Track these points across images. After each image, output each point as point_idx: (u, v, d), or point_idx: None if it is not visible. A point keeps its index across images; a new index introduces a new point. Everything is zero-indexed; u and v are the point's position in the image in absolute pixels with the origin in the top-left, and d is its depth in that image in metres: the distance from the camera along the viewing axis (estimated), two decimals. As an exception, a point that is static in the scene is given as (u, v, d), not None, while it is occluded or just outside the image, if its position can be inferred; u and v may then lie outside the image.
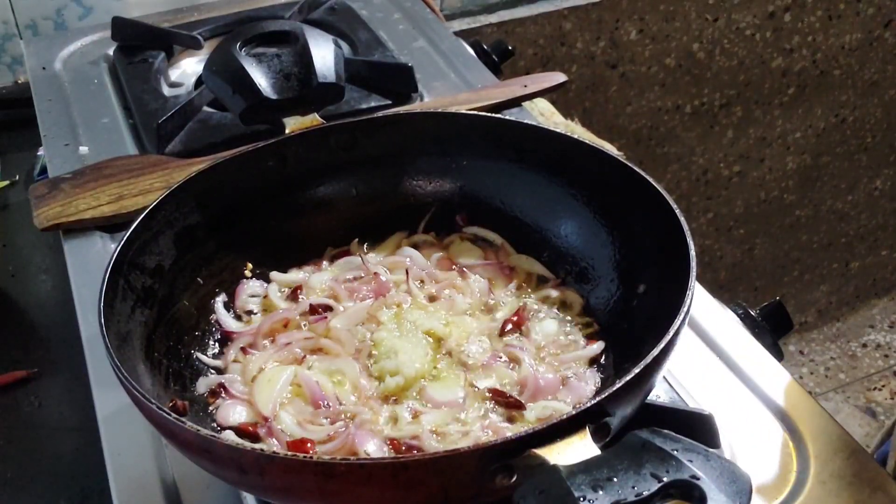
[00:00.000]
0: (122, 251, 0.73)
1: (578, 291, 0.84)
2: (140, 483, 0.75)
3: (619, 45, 1.90)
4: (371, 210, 0.91)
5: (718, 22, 1.99)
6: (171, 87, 1.25)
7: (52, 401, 0.96)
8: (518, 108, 1.18)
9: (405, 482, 0.55)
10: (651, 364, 0.60)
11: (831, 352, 2.75)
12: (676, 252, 0.70)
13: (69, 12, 1.45)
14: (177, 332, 0.77)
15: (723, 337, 0.87)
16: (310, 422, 0.72)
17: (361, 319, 0.81)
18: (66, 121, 1.19)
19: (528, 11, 1.76)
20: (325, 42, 0.99)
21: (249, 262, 0.86)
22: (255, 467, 0.57)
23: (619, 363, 0.76)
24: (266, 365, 0.77)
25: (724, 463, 0.52)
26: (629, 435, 0.55)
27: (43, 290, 1.10)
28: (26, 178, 1.27)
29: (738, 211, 2.41)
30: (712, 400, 0.79)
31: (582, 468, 0.52)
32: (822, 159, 2.43)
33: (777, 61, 2.14)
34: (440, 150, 0.90)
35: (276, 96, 0.93)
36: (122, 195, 1.00)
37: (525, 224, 0.89)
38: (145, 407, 0.60)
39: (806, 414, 0.79)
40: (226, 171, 0.85)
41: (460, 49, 1.33)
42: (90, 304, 0.88)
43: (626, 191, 0.79)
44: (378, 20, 1.39)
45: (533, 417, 0.71)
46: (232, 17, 1.37)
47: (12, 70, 1.47)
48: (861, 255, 2.74)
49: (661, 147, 2.14)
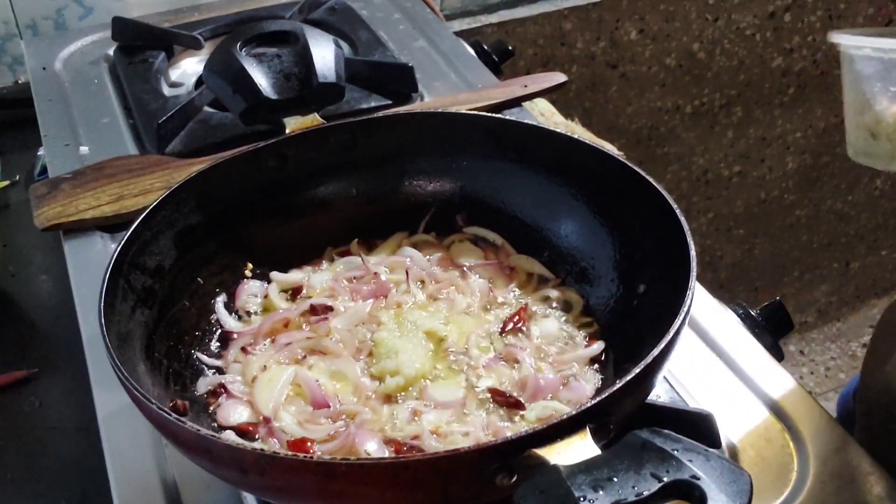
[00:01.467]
0: (123, 251, 0.73)
1: (579, 291, 0.84)
2: (140, 483, 0.75)
3: (620, 45, 1.90)
4: (371, 210, 0.91)
5: (718, 22, 1.99)
6: (172, 87, 1.25)
7: (52, 401, 0.96)
8: (518, 108, 1.18)
9: (405, 482, 0.55)
10: (651, 364, 0.60)
11: (831, 352, 2.75)
12: (676, 252, 0.70)
13: (69, 12, 1.45)
14: (177, 332, 0.77)
15: (723, 337, 0.87)
16: (310, 421, 0.72)
17: (362, 319, 0.81)
18: (67, 121, 1.19)
19: (528, 11, 1.76)
20: (326, 42, 0.99)
21: (249, 262, 0.86)
22: (256, 467, 0.57)
23: (619, 363, 0.76)
24: (266, 365, 0.77)
25: (724, 463, 0.52)
26: (629, 435, 0.55)
27: (43, 290, 1.10)
28: (26, 178, 1.27)
29: (738, 211, 2.41)
30: (712, 400, 0.79)
31: (582, 468, 0.52)
32: (822, 159, 2.43)
33: (777, 61, 2.14)
34: (440, 150, 0.90)
35: (277, 96, 0.93)
36: (123, 195, 1.00)
37: (525, 224, 0.88)
38: (145, 407, 0.60)
39: (806, 414, 0.79)
40: (226, 171, 0.85)
41: (460, 49, 1.33)
42: (90, 304, 0.88)
43: (626, 191, 0.79)
44: (378, 20, 1.39)
45: (533, 417, 0.71)
46: (232, 17, 1.37)
47: (12, 70, 1.47)
48: (861, 255, 2.74)
49: (661, 147, 2.14)
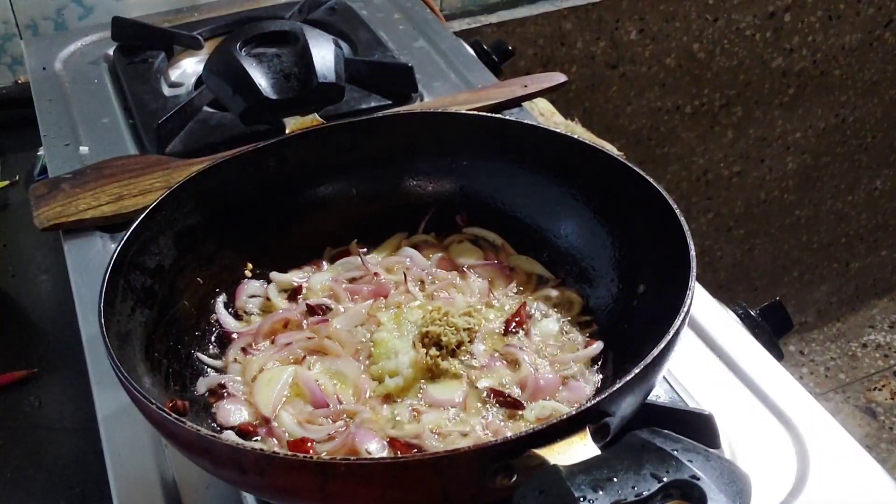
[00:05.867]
0: (122, 251, 0.73)
1: (578, 291, 0.84)
2: (140, 483, 0.75)
3: (619, 45, 1.90)
4: (371, 210, 0.91)
5: (718, 22, 1.99)
6: (171, 87, 1.25)
7: (52, 401, 0.96)
8: (518, 108, 1.18)
9: (405, 482, 0.55)
10: (651, 364, 0.60)
11: (831, 352, 2.75)
12: (676, 252, 0.70)
13: (69, 12, 1.45)
14: (177, 332, 0.77)
15: (723, 337, 0.87)
16: (310, 421, 0.72)
17: (361, 320, 0.81)
18: (66, 121, 1.19)
19: (528, 11, 1.76)
20: (325, 42, 0.99)
21: (249, 262, 0.86)
22: (256, 467, 0.57)
23: (619, 363, 0.76)
24: (266, 365, 0.77)
25: (724, 463, 0.52)
26: (629, 435, 0.55)
27: (43, 290, 1.10)
28: (26, 178, 1.27)
29: (738, 211, 2.41)
30: (712, 400, 0.79)
31: (582, 468, 0.52)
32: (822, 159, 2.43)
33: (777, 61, 2.14)
34: (440, 150, 0.90)
35: (276, 96, 0.93)
36: (122, 195, 1.00)
37: (525, 224, 0.88)
38: (145, 407, 0.60)
39: (806, 414, 0.79)
40: (226, 171, 0.85)
41: (460, 49, 1.33)
42: (90, 304, 0.88)
43: (626, 191, 0.79)
44: (378, 20, 1.39)
45: (533, 417, 0.71)
46: (232, 17, 1.37)
47: (12, 70, 1.47)
48: (861, 255, 2.74)
49: (661, 147, 2.14)
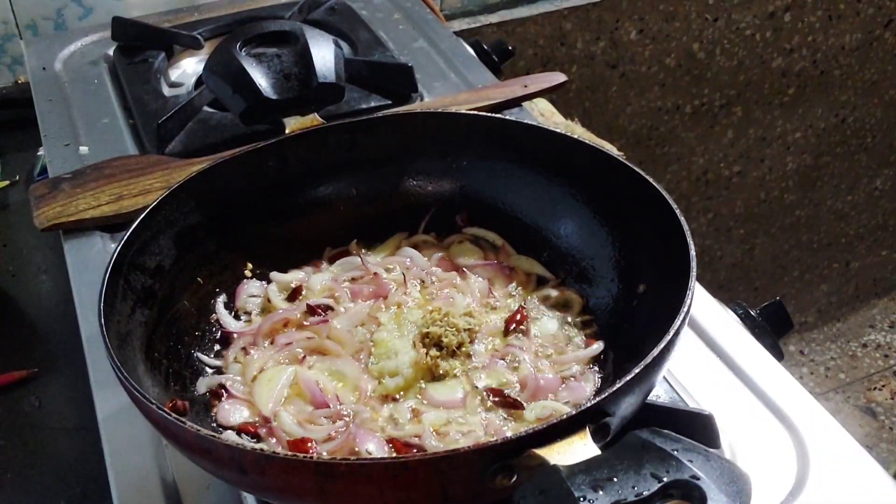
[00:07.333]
0: (122, 251, 0.73)
1: (578, 291, 0.84)
2: (140, 483, 0.75)
3: (619, 45, 1.90)
4: (371, 210, 0.91)
5: (718, 22, 1.99)
6: (171, 87, 1.25)
7: (52, 401, 0.96)
8: (518, 108, 1.18)
9: (405, 482, 0.55)
10: (651, 364, 0.60)
11: (831, 352, 2.75)
12: (676, 252, 0.70)
13: (69, 12, 1.45)
14: (177, 332, 0.77)
15: (723, 337, 0.87)
16: (310, 421, 0.72)
17: (361, 320, 0.81)
18: (66, 121, 1.19)
19: (528, 11, 1.76)
20: (325, 42, 0.99)
21: (249, 262, 0.86)
22: (256, 467, 0.57)
23: (619, 363, 0.76)
24: (266, 365, 0.77)
25: (724, 463, 0.52)
26: (629, 435, 0.55)
27: (43, 290, 1.10)
28: (26, 178, 1.27)
29: (738, 211, 2.41)
30: (712, 400, 0.79)
31: (582, 468, 0.52)
32: (822, 159, 2.43)
33: (777, 61, 2.14)
34: (440, 150, 0.90)
35: (276, 96, 0.93)
36: (122, 195, 1.00)
37: (525, 224, 0.88)
38: (145, 407, 0.60)
39: (806, 414, 0.79)
40: (226, 171, 0.85)
41: (460, 49, 1.33)
42: (90, 304, 0.88)
43: (626, 191, 0.79)
44: (378, 20, 1.39)
45: (533, 417, 0.71)
46: (232, 17, 1.37)
47: (12, 70, 1.47)
48: (861, 255, 2.74)
49: (661, 147, 2.14)
